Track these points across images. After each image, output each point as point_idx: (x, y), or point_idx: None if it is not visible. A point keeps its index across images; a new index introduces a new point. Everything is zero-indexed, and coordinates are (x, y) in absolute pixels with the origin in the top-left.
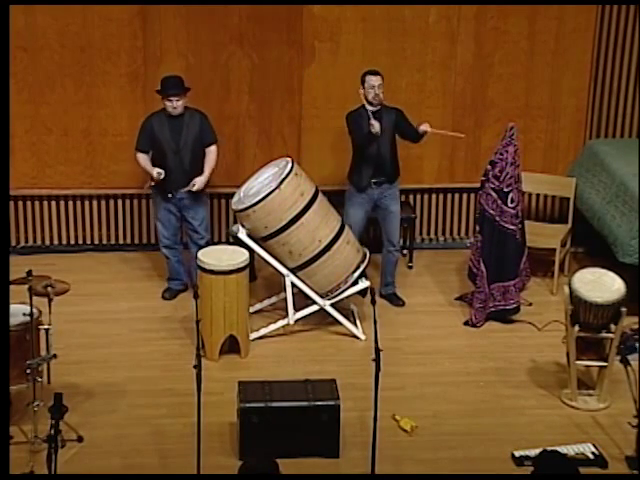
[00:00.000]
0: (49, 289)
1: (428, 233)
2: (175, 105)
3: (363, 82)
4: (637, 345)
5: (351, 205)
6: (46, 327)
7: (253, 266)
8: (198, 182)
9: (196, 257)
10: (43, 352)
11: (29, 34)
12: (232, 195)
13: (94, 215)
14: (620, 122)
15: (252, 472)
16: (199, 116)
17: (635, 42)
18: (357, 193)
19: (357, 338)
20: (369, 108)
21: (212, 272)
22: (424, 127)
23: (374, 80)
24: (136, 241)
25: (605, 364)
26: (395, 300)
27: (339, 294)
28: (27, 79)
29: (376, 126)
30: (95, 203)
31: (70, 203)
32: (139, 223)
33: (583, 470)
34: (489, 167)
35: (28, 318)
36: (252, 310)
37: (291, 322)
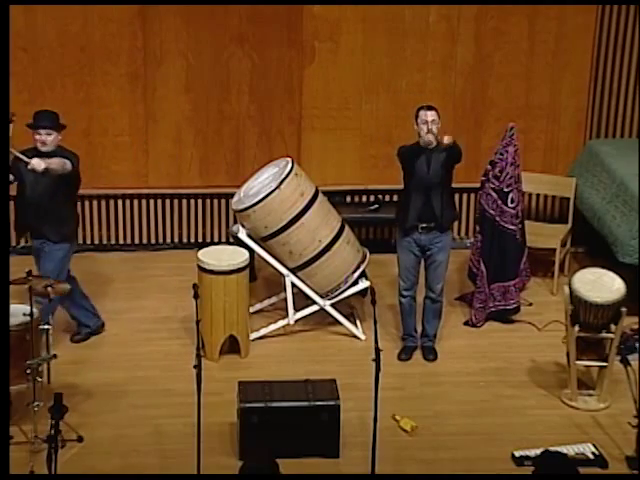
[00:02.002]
0: (49, 289)
1: None
2: (44, 139)
3: (417, 117)
4: (637, 345)
5: (400, 249)
6: (46, 328)
7: (253, 266)
8: (34, 161)
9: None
10: (43, 352)
11: (29, 34)
12: (232, 195)
13: (94, 215)
14: (620, 122)
15: (253, 472)
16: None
17: (635, 42)
18: (403, 236)
19: (357, 338)
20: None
21: (212, 272)
22: (447, 139)
23: (428, 115)
24: (136, 241)
25: (605, 364)
26: (427, 354)
27: (339, 294)
28: (27, 79)
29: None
30: (95, 203)
31: None
32: (139, 223)
33: (583, 470)
34: (489, 167)
35: (28, 318)
36: (252, 310)
37: (291, 322)
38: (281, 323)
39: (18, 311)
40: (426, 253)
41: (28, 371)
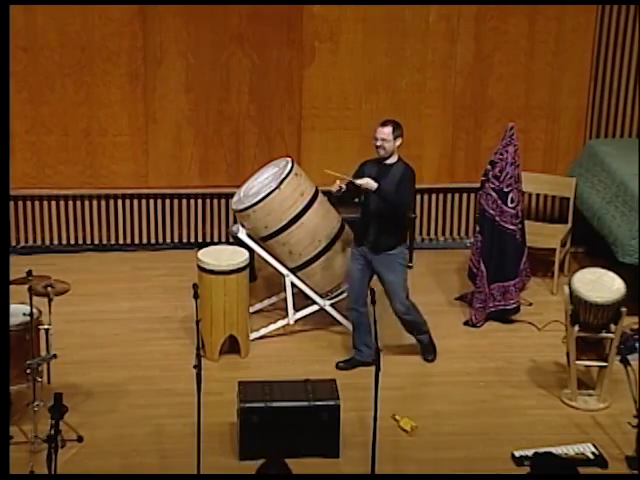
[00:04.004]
0: (49, 289)
1: (428, 233)
2: None
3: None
4: (637, 345)
5: (350, 256)
6: (46, 327)
7: (253, 266)
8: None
9: None
10: (43, 352)
11: (29, 34)
12: (232, 195)
13: (94, 215)
14: (620, 122)
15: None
16: None
17: (635, 42)
18: (354, 245)
19: None
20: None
21: (212, 272)
22: (360, 181)
23: (378, 132)
24: (136, 241)
25: (605, 364)
26: (422, 354)
27: (339, 294)
28: (27, 79)
29: (335, 186)
30: (95, 203)
31: (70, 203)
32: (139, 223)
33: (583, 470)
34: (489, 167)
35: (28, 318)
36: (252, 310)
37: (291, 322)
38: (281, 323)
39: (18, 311)
40: (374, 269)
41: (28, 371)
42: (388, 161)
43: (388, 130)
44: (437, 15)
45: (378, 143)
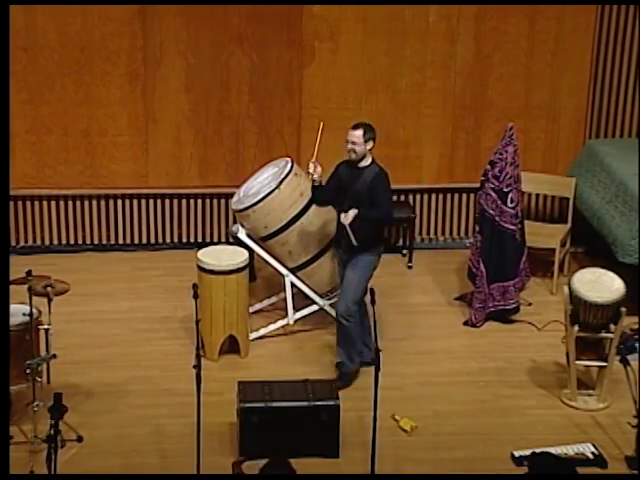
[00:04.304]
0: (49, 289)
1: (428, 233)
2: None
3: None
4: (637, 345)
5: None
6: (46, 327)
7: (253, 266)
8: None
9: None
10: (43, 352)
11: (29, 34)
12: (232, 195)
13: (94, 215)
14: (620, 122)
15: (275, 471)
16: None
17: (635, 42)
18: (334, 246)
19: None
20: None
21: (212, 272)
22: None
23: (349, 135)
24: (136, 241)
25: (605, 364)
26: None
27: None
28: (27, 79)
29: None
30: (95, 203)
31: (70, 203)
32: (139, 223)
33: (583, 470)
34: (488, 167)
35: (28, 318)
36: (252, 310)
37: (291, 322)
38: (281, 323)
39: (18, 311)
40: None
41: (28, 371)
42: (361, 164)
43: (359, 133)
44: (437, 15)
45: (349, 146)
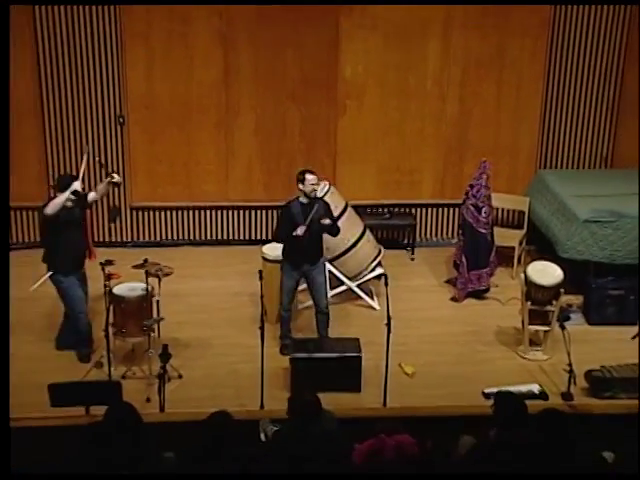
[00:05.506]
0: (159, 272)
1: (425, 234)
2: None
3: (303, 180)
4: (571, 315)
5: (286, 274)
6: (156, 299)
7: None
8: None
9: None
10: (155, 315)
11: (149, 96)
12: None
13: (190, 220)
14: (561, 158)
15: (300, 401)
16: None
17: (581, 96)
18: (290, 267)
19: (374, 309)
20: (303, 201)
21: (272, 261)
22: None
23: (312, 179)
24: (219, 238)
25: (548, 328)
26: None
27: (362, 277)
28: (147, 127)
29: (299, 231)
30: (191, 212)
31: (174, 212)
32: (221, 226)
33: (530, 402)
34: (469, 188)
35: (144, 292)
36: (301, 307)
37: (328, 297)
38: None
39: (137, 287)
40: (307, 277)
41: (145, 328)
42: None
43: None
44: (432, 81)
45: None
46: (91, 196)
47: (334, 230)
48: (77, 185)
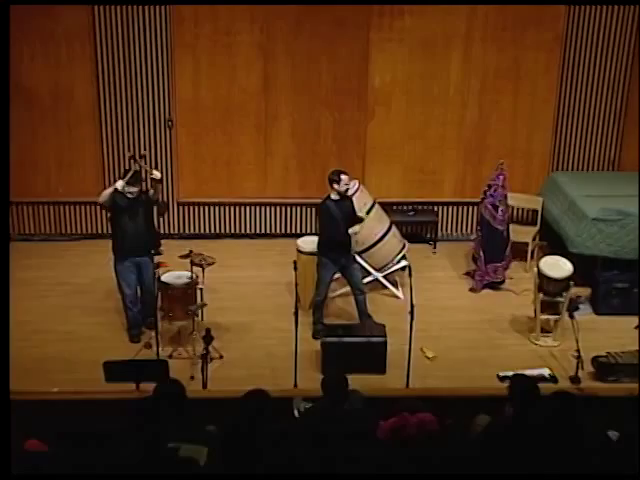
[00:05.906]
0: (203, 262)
1: (447, 230)
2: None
3: (339, 180)
4: (579, 306)
5: (325, 267)
6: (200, 286)
7: None
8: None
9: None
10: (199, 301)
11: (195, 101)
12: None
13: (231, 215)
14: (572, 161)
15: (330, 380)
16: None
17: (590, 105)
18: (329, 262)
19: (398, 298)
20: (335, 198)
21: (306, 253)
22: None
23: (346, 179)
24: (258, 232)
25: (559, 317)
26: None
27: (388, 269)
28: (192, 129)
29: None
30: (232, 208)
31: (217, 207)
32: (260, 220)
33: (541, 385)
34: (486, 188)
35: (189, 280)
36: (332, 295)
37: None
38: (346, 288)
39: (183, 275)
40: (343, 268)
41: (189, 313)
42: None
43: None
44: (454, 89)
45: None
46: (151, 192)
47: (358, 220)
48: (119, 184)
